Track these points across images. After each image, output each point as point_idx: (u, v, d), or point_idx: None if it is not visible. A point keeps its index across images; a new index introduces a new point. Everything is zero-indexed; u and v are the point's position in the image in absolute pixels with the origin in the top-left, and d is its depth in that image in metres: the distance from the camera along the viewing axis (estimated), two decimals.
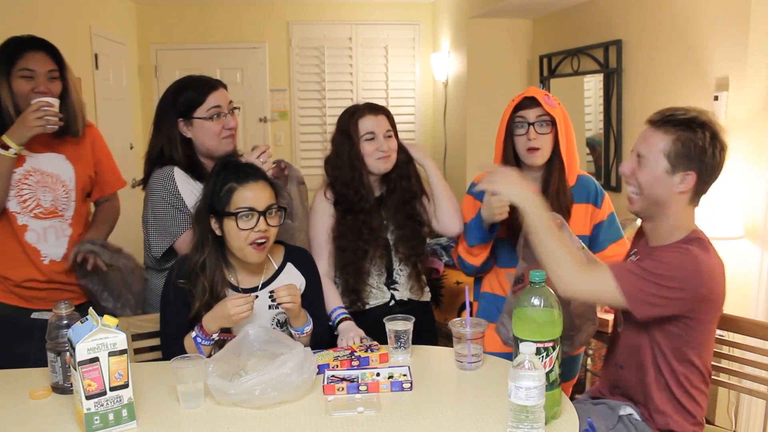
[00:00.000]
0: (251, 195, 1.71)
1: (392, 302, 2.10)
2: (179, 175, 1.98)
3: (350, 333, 1.88)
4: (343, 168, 2.04)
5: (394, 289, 2.11)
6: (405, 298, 2.11)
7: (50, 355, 1.56)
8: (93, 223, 2.26)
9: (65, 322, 1.54)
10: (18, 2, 3.23)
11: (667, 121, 1.54)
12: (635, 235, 1.85)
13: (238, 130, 2.13)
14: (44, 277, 2.07)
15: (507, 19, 4.59)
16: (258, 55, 5.66)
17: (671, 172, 1.53)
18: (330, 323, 1.96)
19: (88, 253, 2.05)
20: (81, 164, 2.15)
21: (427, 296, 2.20)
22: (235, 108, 2.07)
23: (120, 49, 5.02)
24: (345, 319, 1.95)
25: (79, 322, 1.40)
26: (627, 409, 1.64)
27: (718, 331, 2.07)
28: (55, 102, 1.96)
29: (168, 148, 2.00)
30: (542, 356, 1.36)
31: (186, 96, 1.99)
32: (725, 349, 2.14)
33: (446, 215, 2.09)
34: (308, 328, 1.78)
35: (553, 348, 1.38)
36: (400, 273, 2.11)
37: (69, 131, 2.09)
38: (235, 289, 1.79)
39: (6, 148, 1.92)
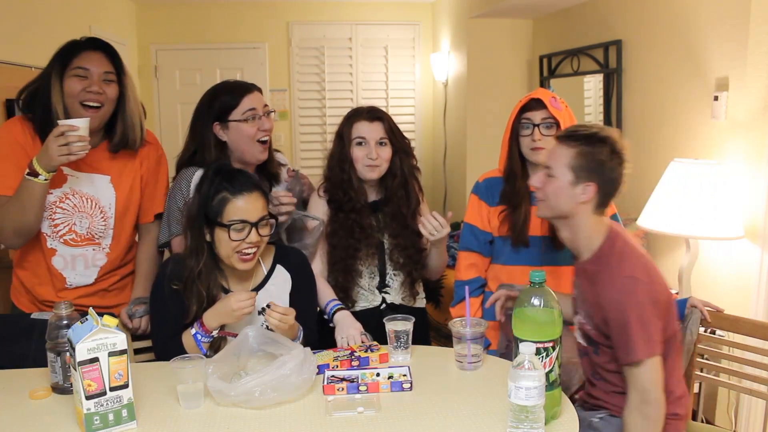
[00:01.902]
0: (244, 206, 1.70)
1: (383, 305, 2.08)
2: (197, 179, 1.98)
3: (350, 330, 1.88)
4: (334, 168, 2.06)
5: (386, 293, 2.09)
6: (396, 302, 2.10)
7: (50, 355, 1.56)
8: (138, 276, 2.09)
9: (65, 322, 1.54)
10: (18, 2, 3.23)
11: (571, 136, 1.66)
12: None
13: None
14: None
15: (507, 19, 4.58)
16: (258, 55, 5.66)
17: (574, 183, 1.63)
18: (325, 316, 1.97)
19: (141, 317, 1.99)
20: (124, 187, 2.02)
21: (420, 302, 2.17)
22: (271, 111, 2.08)
23: (120, 49, 4.97)
24: (340, 309, 1.96)
25: (79, 322, 1.40)
26: (599, 414, 1.67)
27: (718, 332, 2.07)
28: (82, 123, 1.75)
29: (201, 151, 2.02)
30: (542, 356, 1.37)
31: (221, 100, 2.01)
32: (725, 349, 2.14)
33: (429, 271, 2.17)
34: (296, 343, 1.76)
35: (553, 348, 1.38)
36: (394, 278, 2.09)
37: (125, 144, 1.97)
38: (226, 292, 1.79)
39: (36, 175, 1.76)
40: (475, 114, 4.70)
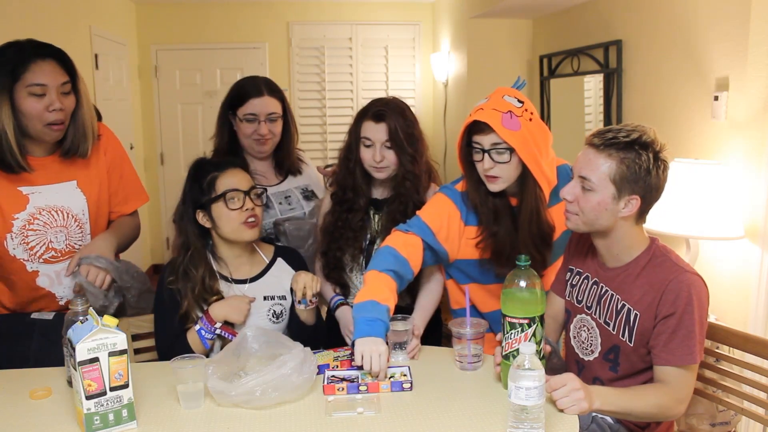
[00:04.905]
0: (233, 179, 1.82)
1: None
2: None
3: (349, 326, 1.89)
4: (342, 164, 2.05)
5: None
6: None
7: (65, 350, 1.54)
8: (106, 230, 1.98)
9: (81, 318, 1.53)
10: (18, 2, 3.23)
11: (610, 144, 1.49)
12: (570, 248, 1.79)
13: None
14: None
15: (507, 19, 4.58)
16: (258, 55, 5.66)
17: (617, 198, 1.50)
18: (329, 311, 2.04)
19: (89, 265, 1.82)
20: (93, 189, 1.94)
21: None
22: (274, 119, 2.17)
23: (120, 49, 5.02)
24: (342, 304, 2.00)
25: (78, 322, 1.41)
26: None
27: (716, 345, 1.96)
28: None
29: (219, 133, 2.20)
30: (517, 331, 1.46)
31: (238, 91, 2.16)
32: (736, 370, 1.98)
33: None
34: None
35: (528, 325, 1.45)
36: None
37: (76, 152, 1.85)
38: (226, 280, 1.85)
39: None
40: None
